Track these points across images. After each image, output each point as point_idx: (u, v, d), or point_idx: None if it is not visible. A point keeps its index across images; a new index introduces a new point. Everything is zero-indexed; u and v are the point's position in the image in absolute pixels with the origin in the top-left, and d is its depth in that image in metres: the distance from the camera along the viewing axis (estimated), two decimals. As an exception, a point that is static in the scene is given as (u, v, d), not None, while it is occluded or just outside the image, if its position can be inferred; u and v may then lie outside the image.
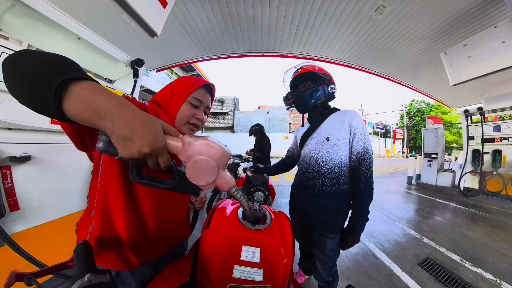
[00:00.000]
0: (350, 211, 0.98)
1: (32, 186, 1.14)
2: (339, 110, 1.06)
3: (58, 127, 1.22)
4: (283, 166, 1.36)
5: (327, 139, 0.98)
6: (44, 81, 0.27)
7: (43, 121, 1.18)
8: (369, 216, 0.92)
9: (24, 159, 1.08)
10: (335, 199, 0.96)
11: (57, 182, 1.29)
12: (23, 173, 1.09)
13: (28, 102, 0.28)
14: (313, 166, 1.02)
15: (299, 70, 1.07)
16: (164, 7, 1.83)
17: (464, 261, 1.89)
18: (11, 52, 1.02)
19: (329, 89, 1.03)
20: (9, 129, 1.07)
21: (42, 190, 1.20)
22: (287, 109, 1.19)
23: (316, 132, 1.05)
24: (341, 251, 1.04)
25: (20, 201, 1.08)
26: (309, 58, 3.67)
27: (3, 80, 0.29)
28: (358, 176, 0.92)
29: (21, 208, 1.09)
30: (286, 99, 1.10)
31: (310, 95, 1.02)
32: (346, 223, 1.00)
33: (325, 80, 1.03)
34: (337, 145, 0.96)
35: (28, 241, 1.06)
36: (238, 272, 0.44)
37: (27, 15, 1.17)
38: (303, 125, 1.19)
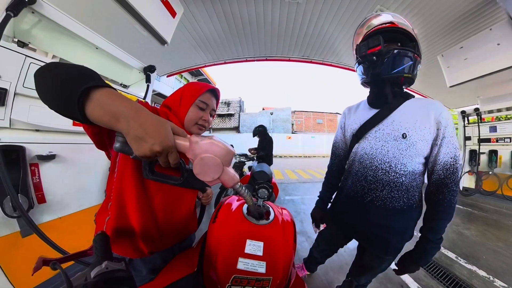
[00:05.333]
0: (418, 233, 0.72)
1: (57, 181, 1.18)
2: (413, 97, 0.72)
3: (80, 128, 1.26)
4: (338, 180, 0.94)
5: (403, 135, 0.65)
6: (69, 89, 0.28)
7: (66, 123, 1.22)
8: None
9: (50, 157, 1.12)
10: (402, 216, 0.70)
11: (79, 178, 1.33)
12: (49, 170, 1.14)
13: (56, 107, 0.30)
14: (376, 173, 0.70)
15: (388, 23, 0.69)
16: (174, 17, 1.86)
17: (459, 258, 1.83)
18: (38, 62, 1.06)
19: (418, 66, 0.70)
20: (37, 130, 1.11)
21: (66, 185, 1.25)
22: (357, 66, 0.76)
23: (384, 123, 0.70)
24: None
25: (46, 195, 1.12)
26: (310, 62, 3.63)
27: (34, 88, 0.31)
28: (442, 193, 0.63)
29: (47, 201, 1.13)
30: (368, 46, 0.68)
31: (400, 59, 0.67)
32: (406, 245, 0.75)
33: (419, 50, 0.70)
34: (417, 147, 0.64)
35: (53, 231, 1.10)
36: (242, 264, 0.44)
37: (52, 29, 1.21)
38: (359, 106, 0.81)
